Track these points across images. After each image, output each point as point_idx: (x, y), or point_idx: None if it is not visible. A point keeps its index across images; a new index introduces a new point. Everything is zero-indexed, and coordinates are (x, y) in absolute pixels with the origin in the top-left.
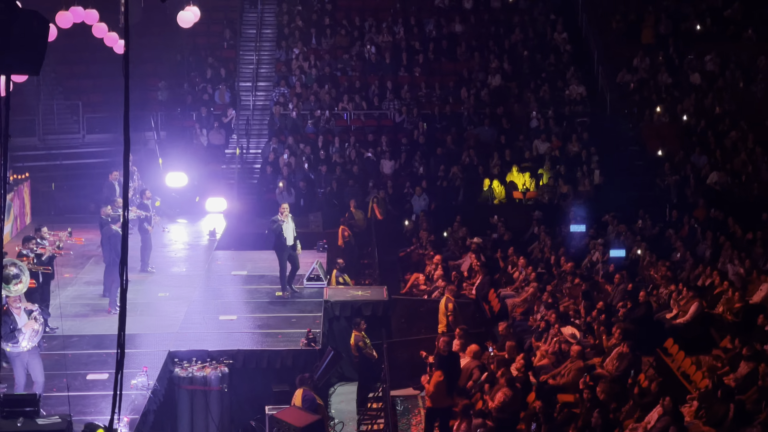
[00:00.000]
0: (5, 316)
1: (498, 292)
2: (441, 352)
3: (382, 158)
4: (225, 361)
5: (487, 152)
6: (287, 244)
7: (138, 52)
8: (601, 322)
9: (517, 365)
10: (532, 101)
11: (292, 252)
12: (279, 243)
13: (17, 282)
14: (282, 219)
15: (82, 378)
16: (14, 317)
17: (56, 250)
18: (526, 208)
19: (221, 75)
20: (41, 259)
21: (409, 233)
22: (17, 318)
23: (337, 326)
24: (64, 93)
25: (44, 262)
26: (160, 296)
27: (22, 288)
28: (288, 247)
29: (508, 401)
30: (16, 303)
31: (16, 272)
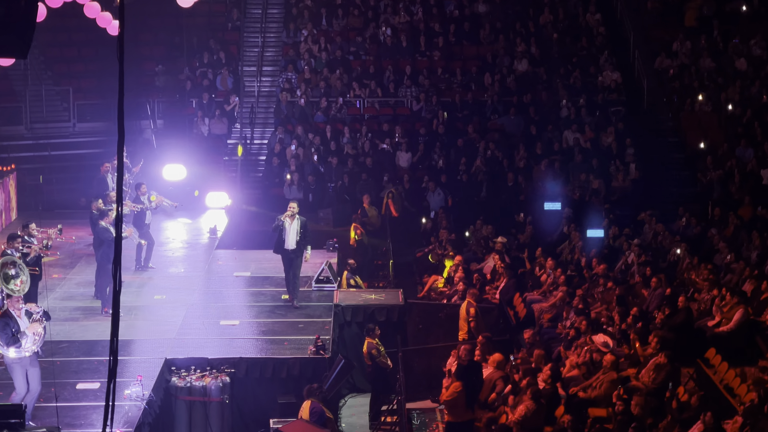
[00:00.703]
0: (6, 319)
1: (524, 296)
2: (461, 361)
3: (398, 150)
4: (226, 369)
5: (513, 144)
6: (287, 247)
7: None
8: (637, 329)
9: (544, 376)
10: (562, 89)
11: (293, 257)
12: (278, 245)
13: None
14: (283, 219)
15: (72, 387)
16: (15, 319)
17: (44, 250)
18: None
19: (223, 59)
20: (27, 260)
21: (427, 232)
22: (18, 321)
23: (348, 333)
24: (54, 78)
25: (30, 262)
26: (156, 299)
27: (24, 288)
28: (288, 251)
29: (530, 415)
30: (18, 304)
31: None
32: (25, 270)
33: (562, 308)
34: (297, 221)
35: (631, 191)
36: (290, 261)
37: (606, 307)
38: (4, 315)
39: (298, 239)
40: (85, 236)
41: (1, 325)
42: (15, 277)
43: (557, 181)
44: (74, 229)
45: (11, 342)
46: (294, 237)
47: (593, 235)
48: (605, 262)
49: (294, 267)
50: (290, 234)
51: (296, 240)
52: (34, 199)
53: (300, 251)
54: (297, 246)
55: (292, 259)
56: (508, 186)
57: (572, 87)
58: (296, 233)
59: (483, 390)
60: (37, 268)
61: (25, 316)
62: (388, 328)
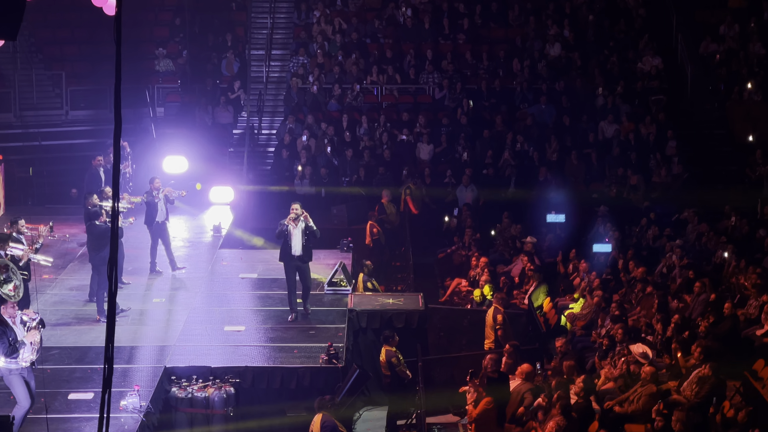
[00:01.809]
0: (2, 327)
1: (555, 301)
2: (489, 373)
3: (418, 141)
4: (231, 379)
5: (544, 136)
6: (293, 254)
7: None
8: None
9: (577, 389)
10: (598, 75)
11: (300, 264)
12: (283, 252)
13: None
14: (288, 222)
15: (63, 397)
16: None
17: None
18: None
19: (229, 41)
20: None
21: (450, 231)
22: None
23: (363, 340)
24: (45, 61)
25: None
26: (155, 302)
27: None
28: (295, 258)
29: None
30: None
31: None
32: (18, 274)
33: (597, 315)
34: (302, 224)
35: (672, 187)
36: (296, 269)
37: (645, 313)
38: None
39: (304, 243)
40: (78, 234)
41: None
42: (7, 281)
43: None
44: (67, 226)
45: (9, 352)
46: (300, 241)
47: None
48: (644, 264)
49: (303, 276)
50: (295, 238)
51: (302, 245)
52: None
53: (308, 257)
54: (304, 252)
55: (299, 267)
56: (539, 181)
57: (609, 73)
58: (302, 237)
59: (510, 403)
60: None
61: (20, 324)
62: (407, 336)
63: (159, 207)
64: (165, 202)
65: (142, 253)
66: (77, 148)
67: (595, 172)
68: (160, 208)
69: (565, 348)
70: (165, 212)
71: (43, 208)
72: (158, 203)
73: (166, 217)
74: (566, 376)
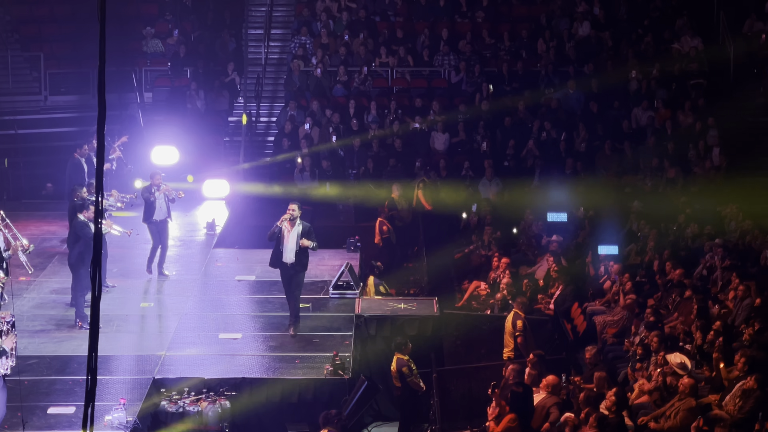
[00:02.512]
0: None
1: (584, 306)
2: (513, 386)
3: (433, 130)
4: (226, 392)
5: (572, 123)
6: (285, 261)
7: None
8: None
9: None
10: (631, 57)
11: (292, 273)
12: (274, 257)
13: None
14: (281, 224)
15: (42, 412)
16: None
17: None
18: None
19: (225, 20)
20: None
21: (468, 228)
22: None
23: (372, 349)
24: (22, 42)
25: None
26: (142, 307)
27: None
28: (287, 265)
29: None
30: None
31: None
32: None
33: (630, 321)
34: (298, 228)
35: (714, 181)
36: (289, 278)
37: (683, 320)
38: None
39: (299, 250)
40: (58, 231)
41: None
42: None
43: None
44: (46, 223)
45: None
46: (293, 247)
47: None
48: (682, 266)
49: (294, 287)
50: (289, 244)
51: (296, 252)
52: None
53: (301, 266)
54: (297, 259)
55: (291, 276)
56: (566, 174)
57: (643, 55)
58: (296, 243)
59: (534, 419)
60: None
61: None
62: (421, 344)
63: (157, 205)
64: (165, 200)
65: (128, 252)
66: (57, 137)
67: (628, 164)
68: (159, 206)
69: (595, 358)
70: (165, 210)
71: (20, 204)
72: (155, 201)
73: (167, 215)
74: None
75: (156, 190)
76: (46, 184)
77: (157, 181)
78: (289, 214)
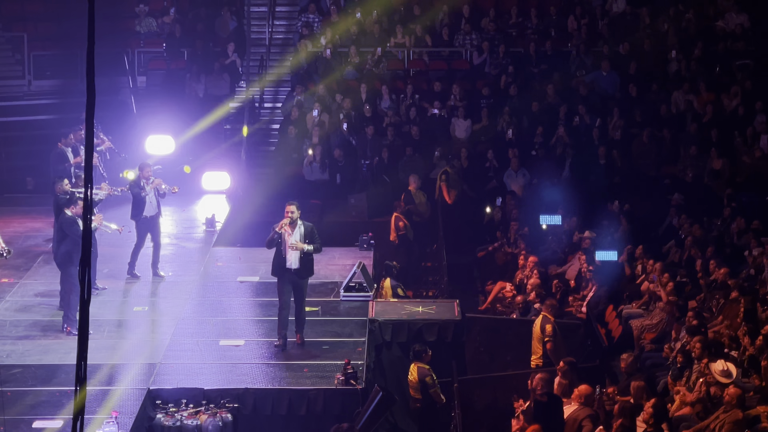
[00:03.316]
0: None
1: (619, 309)
2: (538, 396)
3: (453, 116)
4: (228, 404)
5: (606, 108)
6: (288, 266)
7: None
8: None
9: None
10: (671, 36)
11: (296, 280)
12: (276, 264)
13: None
14: (280, 229)
15: (27, 426)
16: None
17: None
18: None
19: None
20: None
21: (492, 224)
22: None
23: (387, 356)
24: (3, 21)
25: None
26: (136, 311)
27: None
28: (291, 272)
29: None
30: None
31: None
32: None
33: (670, 325)
34: (300, 229)
35: (762, 171)
36: (292, 286)
37: (728, 324)
38: None
39: (302, 254)
40: (43, 228)
41: None
42: None
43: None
44: (30, 219)
45: None
46: (296, 252)
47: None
48: (728, 265)
49: (298, 294)
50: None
51: (299, 256)
52: None
53: (307, 272)
54: (302, 265)
55: (295, 283)
56: (599, 164)
57: (684, 33)
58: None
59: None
60: None
61: None
62: (441, 351)
63: (147, 200)
64: (156, 195)
65: (120, 252)
66: (42, 125)
67: (668, 153)
68: (149, 202)
69: (631, 367)
70: (155, 206)
71: (1, 198)
72: (146, 196)
73: (158, 211)
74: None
75: (145, 183)
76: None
77: (146, 173)
78: (288, 217)
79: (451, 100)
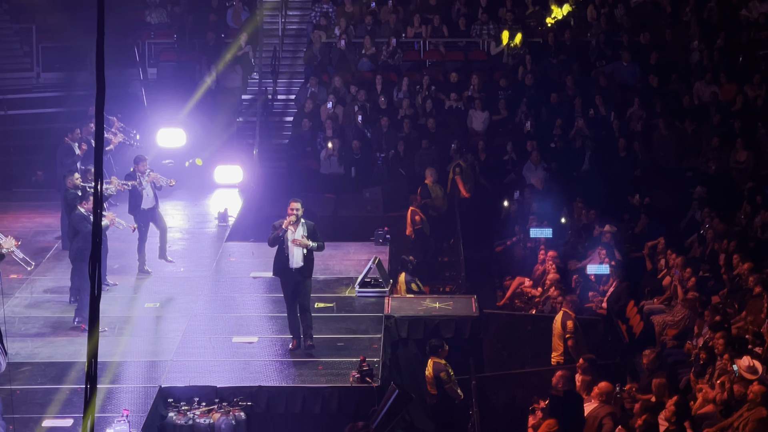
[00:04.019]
0: None
1: (640, 305)
2: (556, 391)
3: (470, 108)
4: (241, 402)
5: (627, 99)
6: (291, 266)
7: None
8: None
9: (668, 413)
10: (693, 25)
11: (299, 280)
12: (278, 263)
13: None
14: (286, 227)
15: (36, 424)
16: None
17: None
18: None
19: None
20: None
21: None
22: None
23: (403, 353)
24: (11, 12)
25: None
26: (147, 308)
27: None
28: (293, 271)
29: None
30: None
31: None
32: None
33: (693, 321)
34: (302, 228)
35: None
36: (295, 286)
37: (752, 319)
38: None
39: (306, 253)
40: (53, 223)
41: None
42: None
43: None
44: (39, 214)
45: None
46: (300, 250)
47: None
48: (751, 259)
49: (301, 295)
50: (295, 247)
51: (303, 254)
52: None
53: (309, 272)
54: (305, 264)
55: (297, 283)
56: (620, 156)
57: (706, 23)
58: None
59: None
60: None
61: None
62: (458, 348)
63: (145, 194)
64: (153, 188)
65: (131, 247)
66: (51, 119)
67: (690, 145)
68: (147, 194)
69: (653, 363)
70: (153, 198)
71: (9, 193)
72: (143, 190)
73: (155, 203)
74: (655, 397)
75: (141, 177)
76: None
77: (142, 167)
78: (294, 215)
79: (468, 91)
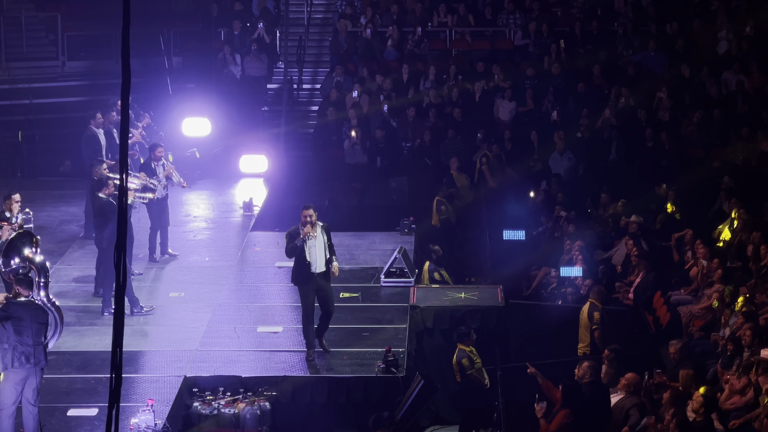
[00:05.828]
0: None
1: (667, 295)
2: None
3: (497, 97)
4: (265, 392)
5: (653, 89)
6: (313, 271)
7: None
8: None
9: (695, 405)
10: (721, 14)
11: (322, 284)
12: (299, 272)
13: None
14: (304, 235)
15: (62, 414)
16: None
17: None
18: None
19: None
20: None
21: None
22: None
23: (429, 343)
24: (36, 1)
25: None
26: (172, 297)
27: None
28: (316, 276)
29: None
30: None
31: None
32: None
33: (720, 312)
34: (320, 230)
35: None
36: (318, 291)
37: None
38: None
39: (328, 256)
40: (78, 212)
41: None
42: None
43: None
44: (64, 203)
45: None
46: (322, 254)
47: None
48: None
49: (325, 300)
50: (317, 251)
51: (326, 258)
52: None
53: (330, 275)
54: (326, 267)
55: (321, 288)
56: (647, 146)
57: (735, 12)
58: (325, 248)
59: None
60: None
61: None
62: (484, 338)
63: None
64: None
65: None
66: (76, 107)
67: (717, 135)
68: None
69: (679, 354)
70: (164, 188)
71: (36, 182)
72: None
73: (166, 194)
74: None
75: (156, 165)
76: (64, 161)
77: (158, 154)
78: (308, 222)
79: (495, 80)
